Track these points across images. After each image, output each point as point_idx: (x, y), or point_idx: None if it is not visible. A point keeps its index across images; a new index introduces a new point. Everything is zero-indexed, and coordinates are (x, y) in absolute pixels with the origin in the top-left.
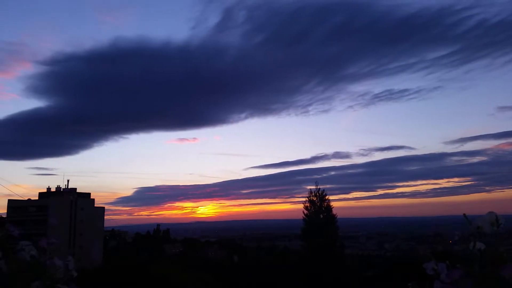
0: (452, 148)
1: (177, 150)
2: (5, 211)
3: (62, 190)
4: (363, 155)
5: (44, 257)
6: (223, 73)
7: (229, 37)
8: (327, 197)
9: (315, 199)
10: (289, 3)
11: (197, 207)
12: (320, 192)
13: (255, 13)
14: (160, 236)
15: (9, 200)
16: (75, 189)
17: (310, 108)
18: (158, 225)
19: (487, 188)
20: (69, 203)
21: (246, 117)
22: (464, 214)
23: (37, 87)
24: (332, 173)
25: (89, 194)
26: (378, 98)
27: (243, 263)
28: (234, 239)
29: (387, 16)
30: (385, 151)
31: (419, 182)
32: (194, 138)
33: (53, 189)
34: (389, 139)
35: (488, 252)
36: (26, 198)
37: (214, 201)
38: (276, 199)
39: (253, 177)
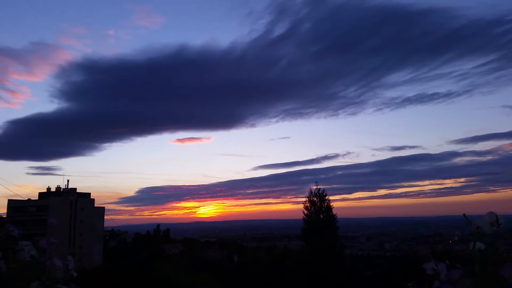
0: (464, 148)
1: (195, 152)
2: (5, 211)
3: (62, 190)
4: (374, 155)
5: (44, 257)
6: (268, 82)
7: (285, 47)
8: (327, 197)
9: (315, 199)
10: (352, 14)
11: (199, 207)
12: (320, 192)
13: (319, 25)
14: (160, 236)
15: (9, 200)
16: (75, 189)
17: (340, 111)
18: (158, 225)
19: (491, 188)
20: (69, 203)
21: (277, 121)
22: (464, 214)
23: (58, 91)
24: (339, 172)
25: (89, 194)
26: (408, 101)
27: (243, 263)
28: (234, 239)
29: (439, 27)
30: (397, 152)
31: (426, 182)
32: (208, 138)
33: (53, 189)
34: (405, 140)
35: (488, 252)
36: (26, 198)
37: (218, 201)
38: (280, 199)
39: (258, 177)
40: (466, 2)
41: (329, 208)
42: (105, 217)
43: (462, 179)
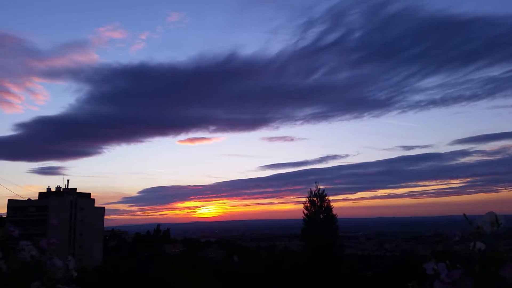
0: (474, 147)
1: (204, 153)
2: (5, 211)
3: (62, 190)
4: (384, 156)
5: (44, 257)
6: (303, 88)
7: (328, 56)
8: (327, 197)
9: (315, 199)
10: (403, 24)
11: (200, 207)
12: (320, 192)
13: (367, 35)
14: (160, 236)
15: (9, 200)
16: (75, 189)
17: (365, 113)
18: (158, 225)
19: (495, 188)
20: (69, 203)
21: (301, 124)
22: (464, 214)
23: (76, 94)
24: (345, 172)
25: (89, 194)
26: (433, 103)
27: (243, 263)
28: (234, 239)
29: (480, 35)
30: (406, 152)
31: (433, 182)
32: (218, 138)
33: (53, 189)
34: (418, 140)
35: (488, 252)
36: (26, 199)
37: (221, 201)
38: (283, 198)
39: (263, 177)
40: None
41: (329, 208)
42: (108, 217)
43: (468, 179)
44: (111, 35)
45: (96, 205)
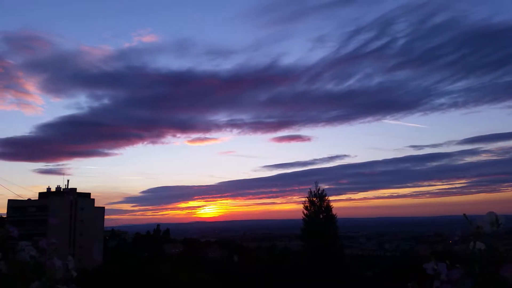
0: (482, 147)
1: (209, 153)
2: (5, 211)
3: (62, 190)
4: (392, 156)
5: (44, 257)
6: (334, 93)
7: (365, 62)
8: (327, 197)
9: (315, 199)
10: (446, 33)
11: (201, 206)
12: (320, 192)
13: (411, 43)
14: (160, 236)
15: (9, 200)
16: (75, 189)
17: (387, 116)
18: (158, 225)
19: (498, 187)
20: (69, 203)
21: (322, 126)
22: (464, 214)
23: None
24: (350, 172)
25: (89, 194)
26: (455, 106)
27: (243, 263)
28: (234, 239)
29: None
30: (415, 152)
31: (438, 182)
32: (225, 138)
33: (53, 189)
34: (428, 141)
35: (488, 252)
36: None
37: (224, 201)
38: (286, 198)
39: (264, 177)
40: None
41: (329, 208)
42: (108, 216)
43: (474, 179)
44: (142, 39)
45: (102, 205)
